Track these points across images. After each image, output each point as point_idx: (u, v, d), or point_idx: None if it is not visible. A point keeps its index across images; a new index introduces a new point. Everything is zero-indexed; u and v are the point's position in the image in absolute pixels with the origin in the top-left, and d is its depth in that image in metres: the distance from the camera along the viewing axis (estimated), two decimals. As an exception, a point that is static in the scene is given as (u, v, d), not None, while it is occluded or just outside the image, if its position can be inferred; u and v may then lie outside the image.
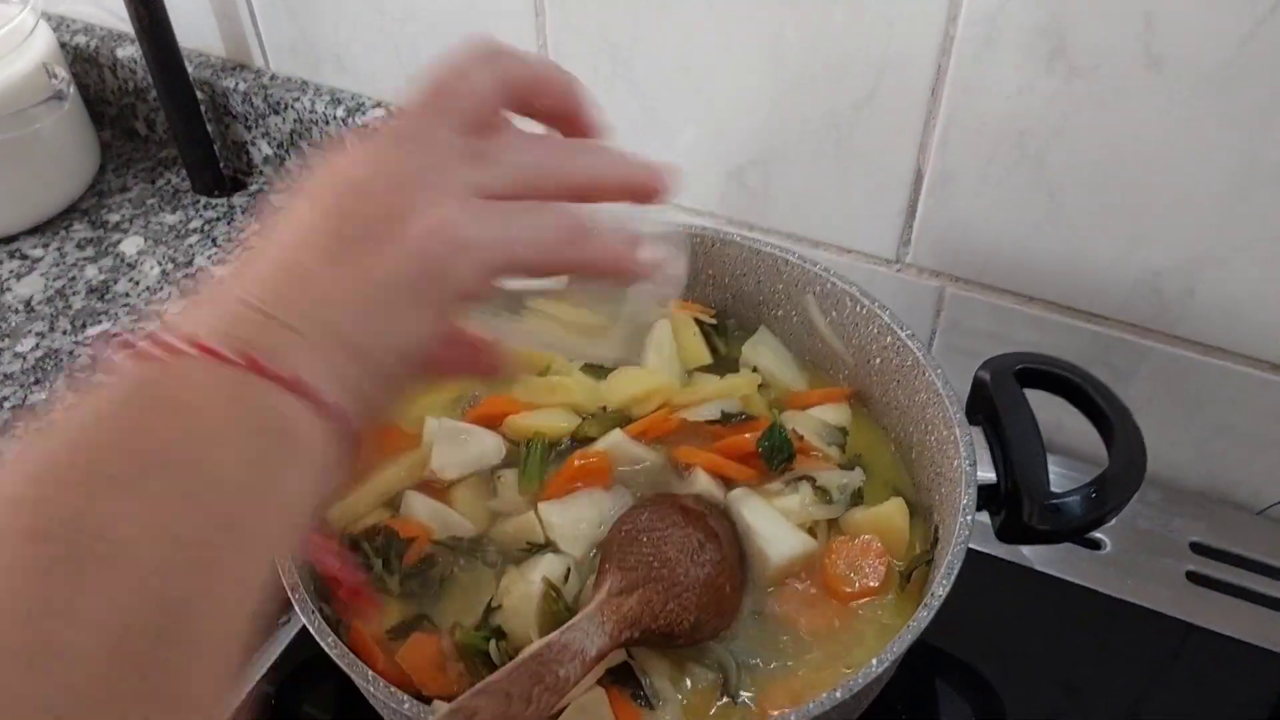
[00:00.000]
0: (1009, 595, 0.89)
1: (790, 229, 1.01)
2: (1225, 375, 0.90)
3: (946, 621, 0.64)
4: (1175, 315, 0.89)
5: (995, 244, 0.92)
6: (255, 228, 0.45)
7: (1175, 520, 0.95)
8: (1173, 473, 0.98)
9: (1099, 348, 0.94)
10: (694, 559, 0.72)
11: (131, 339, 0.41)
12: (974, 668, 0.86)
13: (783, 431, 0.79)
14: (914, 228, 0.95)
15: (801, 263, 0.86)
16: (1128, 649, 0.85)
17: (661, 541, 0.72)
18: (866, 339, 0.84)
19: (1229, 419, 0.93)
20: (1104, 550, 0.92)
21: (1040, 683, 0.83)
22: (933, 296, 0.98)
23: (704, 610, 0.70)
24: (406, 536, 0.74)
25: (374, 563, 0.73)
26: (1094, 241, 0.88)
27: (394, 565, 0.73)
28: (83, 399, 0.40)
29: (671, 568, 0.71)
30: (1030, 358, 0.78)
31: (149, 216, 1.26)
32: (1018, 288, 0.94)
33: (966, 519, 0.68)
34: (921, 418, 0.79)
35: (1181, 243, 0.84)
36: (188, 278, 1.16)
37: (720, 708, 0.69)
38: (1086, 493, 0.71)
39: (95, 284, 1.16)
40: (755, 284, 0.90)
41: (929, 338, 1.02)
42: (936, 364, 0.77)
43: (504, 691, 0.59)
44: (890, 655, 0.62)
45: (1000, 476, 0.73)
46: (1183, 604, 0.88)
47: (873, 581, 0.73)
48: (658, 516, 0.74)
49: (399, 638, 0.71)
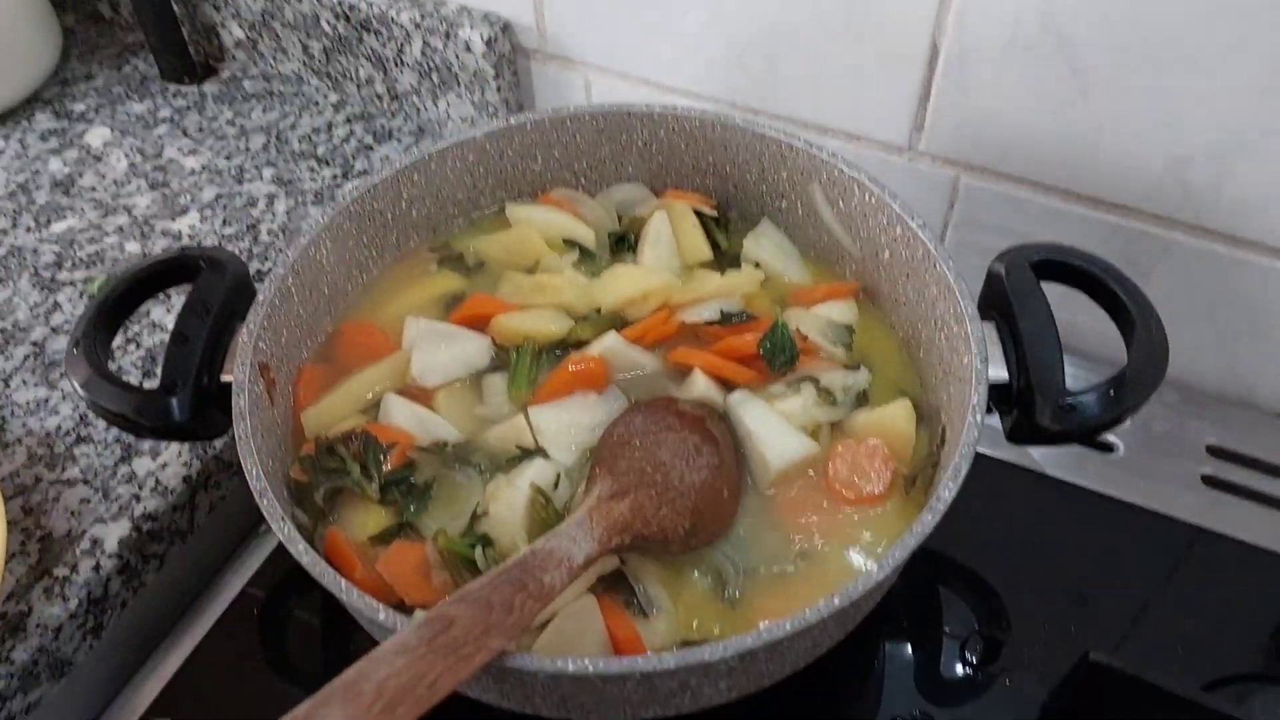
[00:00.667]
0: (1017, 500, 0.86)
1: (796, 114, 0.95)
2: (1252, 270, 0.85)
3: (952, 526, 0.60)
4: (1202, 206, 0.83)
5: (1014, 129, 0.86)
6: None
7: (1192, 422, 0.91)
8: (1192, 373, 0.94)
9: (1119, 241, 0.89)
10: (690, 463, 0.68)
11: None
12: (978, 574, 0.83)
13: (785, 331, 0.75)
14: (928, 112, 0.89)
15: (808, 148, 0.81)
16: (1138, 555, 0.82)
17: (656, 446, 0.68)
18: (875, 230, 0.79)
19: (1254, 317, 0.89)
20: (1117, 453, 0.89)
21: (1047, 590, 0.80)
22: (946, 187, 0.93)
23: (699, 516, 0.67)
24: (386, 442, 0.70)
25: (351, 468, 0.69)
26: (1119, 126, 0.82)
27: (373, 472, 0.69)
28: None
29: (665, 473, 0.67)
30: (1049, 248, 0.73)
31: (115, 106, 1.19)
32: (1036, 177, 0.88)
33: (976, 419, 0.64)
34: (931, 313, 0.75)
35: (1212, 128, 0.79)
36: (157, 170, 1.10)
37: (716, 614, 0.66)
38: (1104, 391, 0.67)
39: (60, 178, 1.10)
40: (758, 172, 0.85)
41: (941, 233, 0.97)
42: (948, 255, 0.72)
43: (485, 599, 0.56)
44: (891, 563, 0.59)
45: (1013, 374, 0.69)
46: (1197, 509, 0.85)
47: (877, 487, 0.70)
48: (652, 420, 0.70)
49: (381, 545, 0.68)
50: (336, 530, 0.68)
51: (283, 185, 1.08)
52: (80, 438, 0.86)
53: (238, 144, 1.13)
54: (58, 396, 0.89)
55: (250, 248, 1.01)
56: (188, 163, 1.11)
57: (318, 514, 0.69)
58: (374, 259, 0.83)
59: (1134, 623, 0.79)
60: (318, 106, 1.18)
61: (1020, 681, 0.75)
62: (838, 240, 0.83)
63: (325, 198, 1.07)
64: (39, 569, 0.77)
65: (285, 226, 1.04)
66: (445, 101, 1.09)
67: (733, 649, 0.55)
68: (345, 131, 1.15)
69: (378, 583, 0.65)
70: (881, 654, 0.78)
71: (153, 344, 0.93)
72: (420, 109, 1.12)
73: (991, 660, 0.77)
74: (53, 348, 0.93)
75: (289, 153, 1.12)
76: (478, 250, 0.85)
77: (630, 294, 0.78)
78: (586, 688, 0.60)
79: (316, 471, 0.70)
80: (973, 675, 0.76)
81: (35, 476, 0.83)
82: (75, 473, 0.83)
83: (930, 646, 0.79)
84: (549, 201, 0.87)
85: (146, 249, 1.02)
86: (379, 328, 0.80)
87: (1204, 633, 0.77)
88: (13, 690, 0.73)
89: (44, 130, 1.16)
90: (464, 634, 0.54)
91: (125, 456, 0.84)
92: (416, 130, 1.15)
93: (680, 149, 0.86)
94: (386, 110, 1.16)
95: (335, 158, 1.11)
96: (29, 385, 0.90)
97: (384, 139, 1.14)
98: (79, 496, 0.82)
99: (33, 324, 0.95)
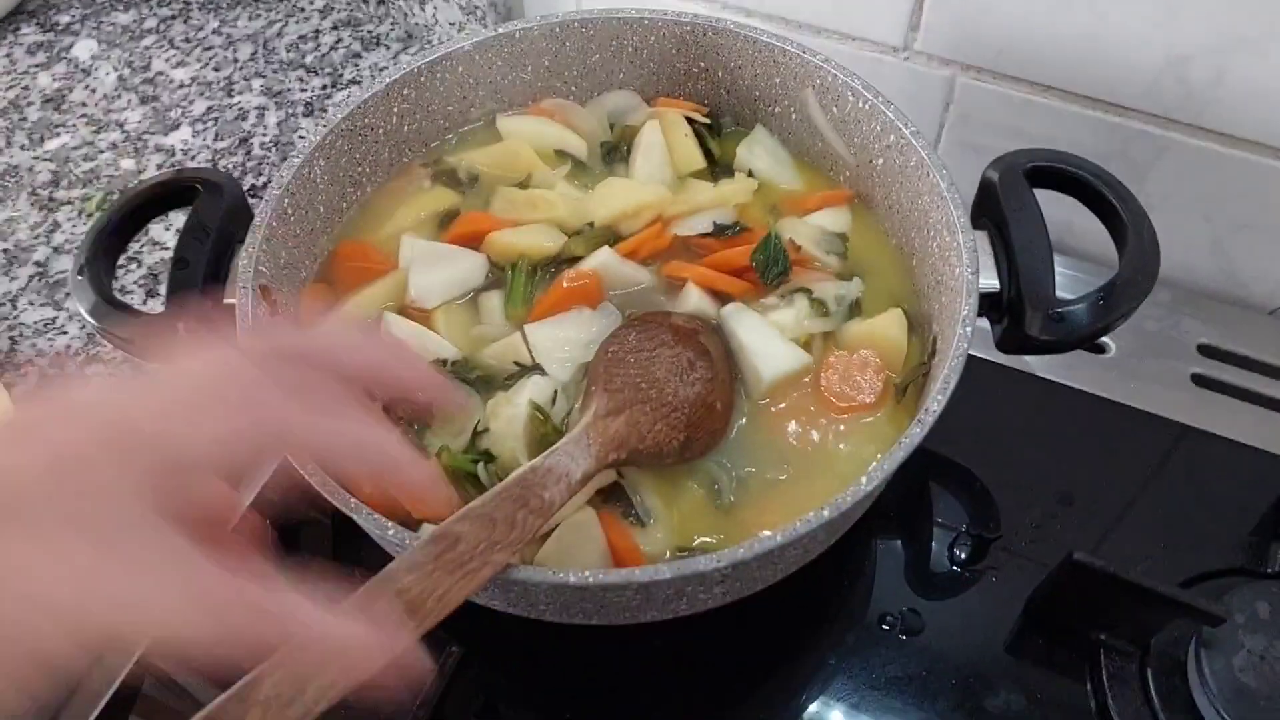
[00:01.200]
0: (1007, 400, 0.88)
1: (789, 15, 0.94)
2: (1249, 169, 0.85)
3: (942, 425, 0.62)
4: (1200, 105, 0.82)
5: (1012, 27, 0.85)
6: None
7: (1184, 321, 0.92)
8: (1185, 272, 0.95)
9: (1117, 141, 0.88)
10: (683, 378, 0.69)
11: None
12: (969, 471, 0.85)
13: (778, 242, 0.75)
14: (924, 10, 0.87)
15: (801, 53, 0.79)
16: (1126, 454, 0.84)
17: (649, 362, 0.69)
18: (869, 137, 0.79)
19: (1249, 215, 0.89)
20: (1108, 353, 0.90)
21: (1035, 489, 0.82)
22: (942, 87, 0.92)
23: (694, 429, 0.69)
24: (387, 361, 0.71)
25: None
26: (1118, 23, 0.80)
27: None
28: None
29: (660, 388, 0.68)
30: (1042, 154, 0.73)
31: (100, 16, 1.17)
32: (1034, 76, 0.87)
33: (966, 330, 0.65)
34: (924, 222, 0.75)
35: (1213, 24, 0.77)
36: (146, 83, 1.09)
37: (712, 522, 0.68)
38: (1093, 300, 0.67)
39: (50, 93, 1.09)
40: (751, 78, 0.84)
41: (937, 133, 0.96)
42: (942, 164, 0.72)
43: (488, 516, 0.58)
44: (880, 473, 0.61)
45: (1003, 283, 0.70)
46: (1186, 407, 0.86)
47: (868, 397, 0.71)
48: (646, 336, 0.71)
49: (386, 462, 0.70)
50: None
51: (272, 97, 1.07)
52: (90, 357, 0.88)
53: (225, 54, 1.12)
54: (65, 316, 0.90)
55: (244, 162, 1.01)
56: (176, 75, 1.10)
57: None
58: (368, 176, 0.83)
59: (1119, 520, 0.81)
60: (304, 13, 1.16)
61: (1007, 577, 0.78)
62: (831, 147, 0.82)
63: (315, 109, 1.06)
64: (57, 487, 0.80)
65: (277, 140, 1.03)
66: (432, 5, 1.07)
67: (726, 559, 0.57)
68: (333, 39, 1.13)
69: (386, 500, 0.67)
70: (873, 553, 0.81)
71: (153, 261, 0.94)
72: (407, 13, 1.10)
73: (979, 558, 0.79)
74: (56, 267, 0.94)
75: (277, 62, 1.11)
76: (470, 164, 0.84)
77: (623, 208, 0.78)
78: (588, 596, 0.63)
79: (320, 392, 0.72)
80: (960, 571, 0.79)
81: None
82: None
83: (920, 544, 0.81)
84: (539, 112, 0.87)
85: (141, 165, 1.02)
86: (376, 247, 0.80)
87: (1187, 530, 0.79)
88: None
89: (30, 44, 1.14)
90: (470, 549, 0.56)
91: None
92: (404, 35, 1.13)
93: (671, 55, 0.85)
94: (373, 15, 1.14)
95: (324, 66, 1.10)
96: (35, 306, 0.91)
97: (372, 46, 1.12)
98: (91, 416, 0.84)
99: (34, 244, 0.96)
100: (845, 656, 0.75)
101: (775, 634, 0.76)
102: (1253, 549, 0.78)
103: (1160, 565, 0.76)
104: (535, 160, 0.83)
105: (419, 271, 0.76)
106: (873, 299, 0.77)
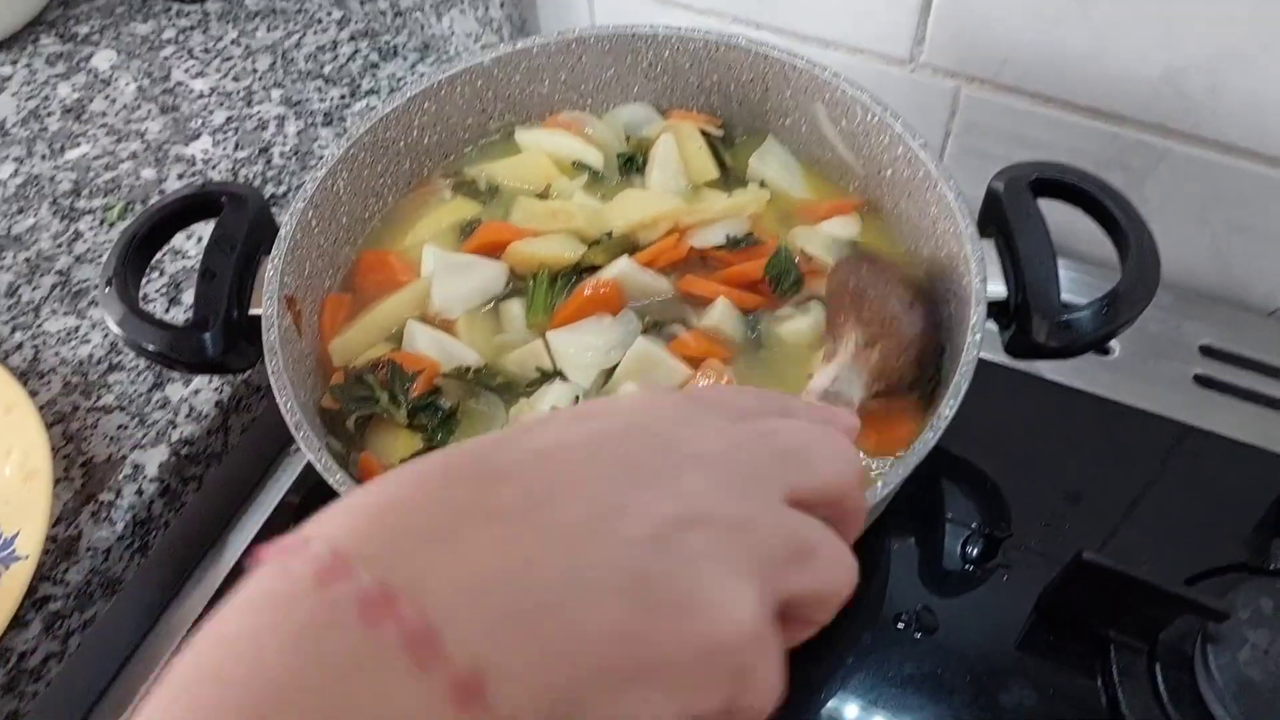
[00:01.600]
0: (1016, 401, 0.90)
1: (799, 29, 0.96)
2: (1245, 176, 0.87)
3: (954, 425, 0.64)
4: (1198, 115, 0.85)
5: (1014, 40, 0.87)
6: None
7: (1186, 323, 0.94)
8: (1186, 275, 0.97)
9: (1116, 149, 0.90)
10: (911, 316, 0.71)
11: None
12: (980, 470, 0.87)
13: (788, 255, 0.77)
14: (929, 23, 0.89)
15: (811, 68, 0.81)
16: (1131, 454, 0.86)
17: (885, 298, 0.71)
18: (877, 149, 0.81)
19: (1247, 219, 0.91)
20: (1113, 355, 0.92)
21: (1043, 488, 0.84)
22: (947, 98, 0.94)
23: (919, 369, 0.71)
24: (411, 369, 0.73)
25: (379, 396, 0.73)
26: (1117, 36, 0.83)
27: (400, 398, 0.72)
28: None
29: (899, 322, 0.70)
30: (1046, 167, 0.75)
31: (119, 27, 1.19)
32: (1036, 87, 0.89)
33: (975, 337, 0.67)
34: (933, 232, 0.77)
35: (1208, 38, 0.79)
36: (166, 93, 1.11)
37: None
38: (1097, 308, 0.70)
39: (70, 104, 1.11)
40: (762, 91, 0.86)
41: (943, 141, 0.98)
42: (949, 175, 0.74)
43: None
44: (895, 478, 0.63)
45: (1011, 291, 0.72)
46: (1189, 407, 0.88)
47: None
48: (875, 273, 0.72)
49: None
50: (369, 455, 0.72)
51: (291, 106, 1.09)
52: (112, 365, 0.89)
53: (244, 65, 1.14)
54: (87, 325, 0.92)
55: (264, 171, 1.03)
56: (196, 85, 1.12)
57: (350, 440, 0.73)
58: (389, 187, 0.85)
59: (1125, 518, 0.83)
60: (321, 24, 1.18)
61: (1017, 576, 0.80)
62: (841, 157, 0.84)
63: (334, 118, 1.08)
64: (84, 493, 0.82)
65: (297, 149, 1.05)
66: (449, 17, 1.09)
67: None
68: (350, 49, 1.15)
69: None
70: (888, 552, 0.83)
71: (175, 270, 0.96)
72: (424, 25, 1.12)
73: (990, 556, 0.81)
74: (78, 276, 0.96)
75: (296, 72, 1.13)
76: (489, 176, 0.86)
77: (640, 218, 0.80)
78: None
79: (347, 400, 0.74)
80: (973, 570, 0.81)
81: (72, 405, 0.87)
82: (110, 400, 0.87)
83: (933, 543, 0.83)
84: (556, 124, 0.89)
85: (162, 174, 1.04)
86: (398, 257, 0.82)
87: (1191, 527, 0.81)
88: (69, 609, 0.78)
89: (50, 54, 1.16)
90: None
91: (158, 384, 0.88)
92: (421, 46, 1.15)
93: (685, 69, 0.87)
94: (390, 26, 1.16)
95: (342, 77, 1.12)
96: (58, 314, 0.93)
97: (389, 56, 1.14)
98: (116, 423, 0.86)
99: (57, 253, 0.98)
100: (863, 655, 0.77)
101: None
102: (1256, 545, 0.80)
103: (1166, 562, 0.78)
104: (554, 171, 0.85)
105: (442, 281, 0.78)
106: (883, 305, 0.79)
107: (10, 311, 0.93)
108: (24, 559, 0.72)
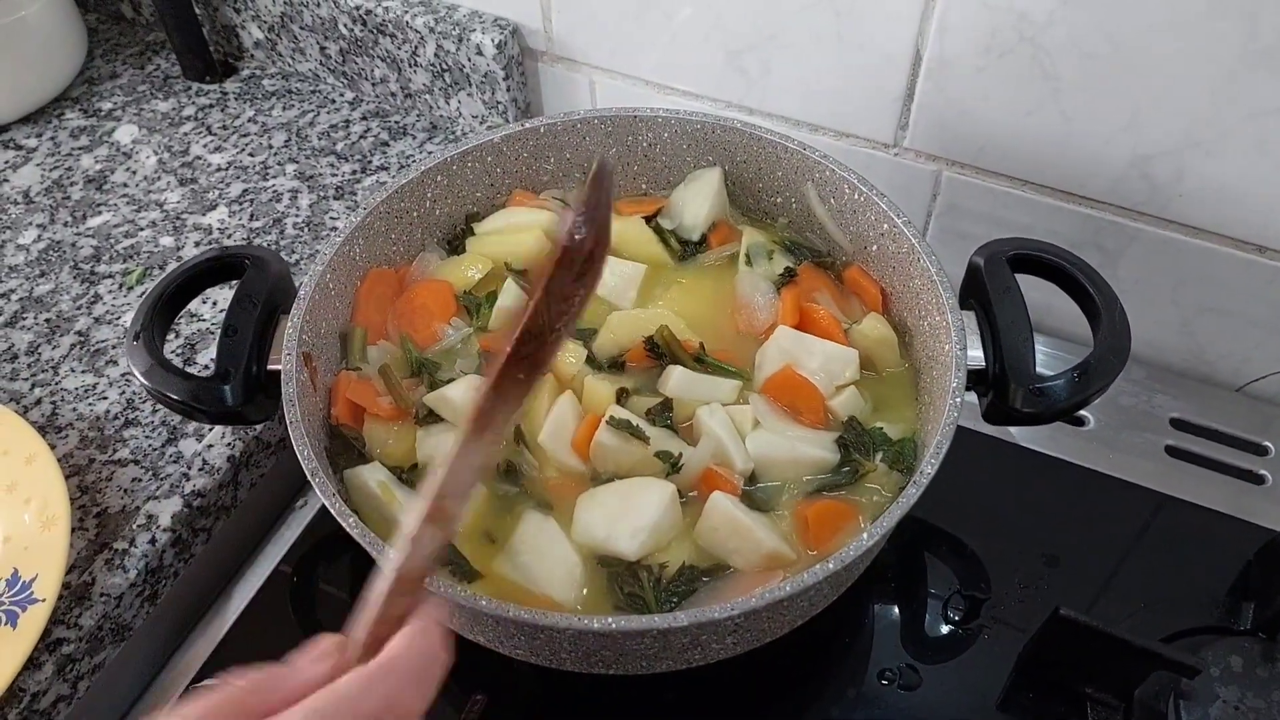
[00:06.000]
0: (994, 469, 0.94)
1: (790, 113, 1.02)
2: (1211, 256, 0.92)
3: (934, 495, 0.67)
4: (1164, 199, 0.90)
5: (991, 128, 0.93)
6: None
7: (1157, 397, 0.98)
8: (1157, 350, 1.02)
9: (1090, 230, 0.95)
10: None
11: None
12: (959, 538, 0.90)
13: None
14: (912, 111, 0.95)
15: (801, 149, 0.87)
16: (1107, 520, 0.90)
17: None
18: (864, 225, 0.86)
19: (1214, 298, 0.96)
20: (1088, 426, 0.96)
21: (1022, 552, 0.88)
22: (929, 180, 1.00)
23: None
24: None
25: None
26: (1087, 126, 0.89)
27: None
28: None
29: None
30: (1023, 244, 0.80)
31: (141, 104, 1.25)
32: (1012, 171, 0.95)
33: (956, 401, 0.71)
34: (916, 302, 0.82)
35: (1172, 128, 0.85)
36: (185, 166, 1.17)
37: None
38: (1070, 377, 0.74)
39: (93, 174, 1.16)
40: (755, 171, 0.91)
41: (925, 221, 1.03)
42: (931, 251, 0.79)
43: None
44: (880, 530, 0.66)
45: (989, 360, 0.76)
46: (1161, 477, 0.92)
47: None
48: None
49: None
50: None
51: (305, 180, 1.14)
52: (128, 421, 0.93)
53: (260, 141, 1.19)
54: (105, 383, 0.96)
55: (278, 240, 1.08)
56: (213, 159, 1.17)
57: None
58: (400, 254, 0.90)
59: (1102, 582, 0.86)
60: (335, 104, 1.24)
61: (998, 636, 0.83)
62: (830, 235, 0.89)
63: (345, 192, 1.13)
64: (98, 542, 0.84)
65: (309, 220, 1.10)
66: (457, 100, 1.15)
67: (739, 608, 0.62)
68: (362, 128, 1.21)
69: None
70: (871, 613, 0.86)
71: (190, 332, 1.00)
72: (433, 107, 1.19)
73: (972, 617, 0.84)
74: (96, 337, 1.00)
75: (309, 149, 1.18)
76: (488, 250, 0.91)
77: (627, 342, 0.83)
78: (609, 643, 0.68)
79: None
80: (954, 631, 0.84)
81: (89, 458, 0.90)
82: (125, 454, 0.90)
83: (915, 605, 0.86)
84: (522, 203, 0.93)
85: (179, 242, 1.08)
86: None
87: (1165, 590, 0.85)
88: (81, 653, 0.80)
89: (74, 128, 1.22)
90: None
91: (171, 439, 0.91)
92: (429, 127, 1.21)
93: (683, 150, 0.93)
94: (401, 108, 1.22)
95: (353, 153, 1.18)
96: (76, 373, 0.97)
97: (399, 135, 1.20)
98: (130, 476, 0.89)
99: (76, 314, 1.02)
100: (847, 710, 0.79)
101: (781, 688, 0.80)
102: (1226, 608, 0.83)
103: (1141, 623, 0.81)
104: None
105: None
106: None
107: (31, 369, 0.97)
108: (41, 602, 0.74)
